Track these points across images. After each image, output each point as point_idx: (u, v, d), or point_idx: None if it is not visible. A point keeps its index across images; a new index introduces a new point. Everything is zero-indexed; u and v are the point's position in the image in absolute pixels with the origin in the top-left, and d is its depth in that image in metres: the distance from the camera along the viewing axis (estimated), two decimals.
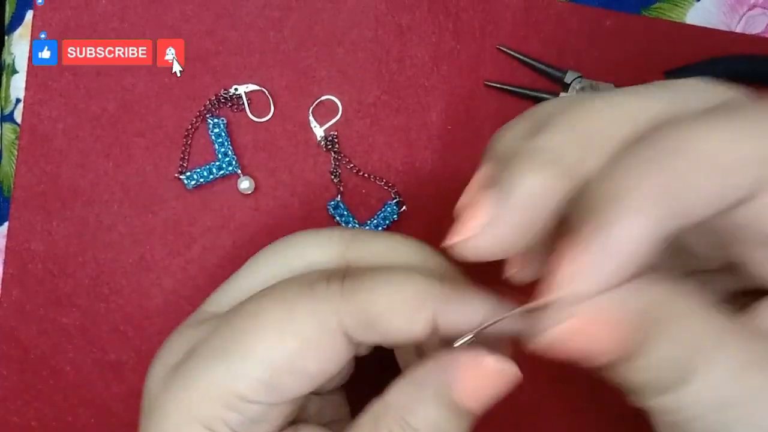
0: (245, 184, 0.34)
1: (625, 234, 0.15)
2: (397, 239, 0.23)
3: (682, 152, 0.15)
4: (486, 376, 0.19)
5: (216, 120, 0.35)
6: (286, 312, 0.19)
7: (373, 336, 0.19)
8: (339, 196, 0.35)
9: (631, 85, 0.35)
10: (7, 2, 0.37)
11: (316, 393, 0.23)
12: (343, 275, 0.20)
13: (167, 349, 0.22)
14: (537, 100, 0.35)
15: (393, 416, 0.19)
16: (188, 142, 0.35)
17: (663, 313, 0.15)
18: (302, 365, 0.19)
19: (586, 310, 0.15)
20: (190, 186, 0.35)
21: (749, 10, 0.37)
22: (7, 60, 0.36)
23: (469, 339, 0.19)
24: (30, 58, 0.35)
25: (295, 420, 0.22)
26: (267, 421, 0.20)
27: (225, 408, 0.18)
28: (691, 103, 0.17)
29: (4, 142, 0.36)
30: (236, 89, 0.35)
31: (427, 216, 0.36)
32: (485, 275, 0.20)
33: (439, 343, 0.21)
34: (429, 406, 0.19)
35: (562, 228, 0.17)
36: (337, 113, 0.35)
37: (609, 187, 0.15)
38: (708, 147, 0.15)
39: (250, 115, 0.35)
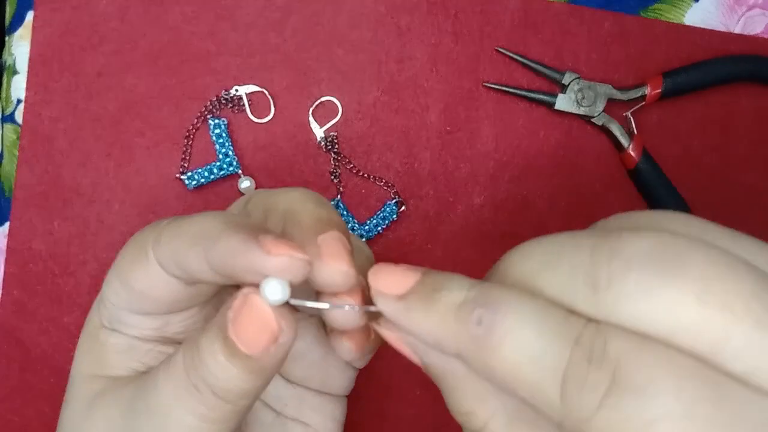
0: (246, 184, 0.35)
1: None
2: (282, 189, 0.25)
3: None
4: (253, 317, 0.19)
5: (217, 121, 0.35)
6: (134, 238, 0.23)
7: (175, 269, 0.21)
8: (339, 196, 0.35)
9: (628, 85, 0.35)
10: (7, 3, 0.37)
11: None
12: (176, 217, 0.22)
13: None
14: (535, 101, 0.36)
15: (193, 340, 0.20)
16: (189, 143, 0.35)
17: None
18: (131, 281, 0.22)
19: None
20: (191, 186, 0.35)
21: (748, 10, 0.37)
22: (8, 61, 0.37)
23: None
24: (30, 59, 0.35)
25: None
26: (133, 326, 0.23)
27: (103, 306, 0.24)
28: None
29: (6, 142, 0.36)
30: (237, 90, 0.35)
31: (427, 216, 0.36)
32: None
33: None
34: (211, 338, 0.19)
35: None
36: (337, 114, 0.36)
37: None
38: None
39: (251, 116, 0.35)
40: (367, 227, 0.35)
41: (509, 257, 0.18)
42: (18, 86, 0.36)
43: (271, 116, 0.35)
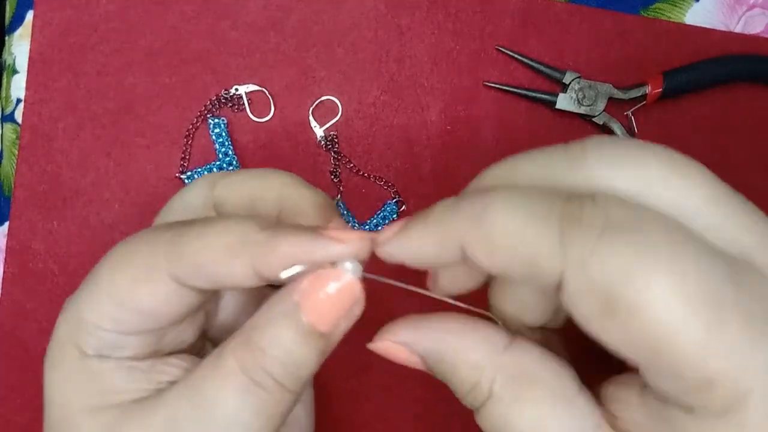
0: None
1: None
2: (259, 173, 0.24)
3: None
4: (329, 293, 0.19)
5: (217, 120, 0.35)
6: (126, 254, 0.21)
7: (203, 281, 0.20)
8: (339, 195, 0.35)
9: (629, 84, 0.35)
10: (7, 3, 0.37)
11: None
12: (182, 224, 0.21)
13: None
14: (536, 101, 0.36)
15: (240, 338, 0.20)
16: (189, 142, 0.35)
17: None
18: (136, 302, 0.20)
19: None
20: None
21: (748, 10, 0.37)
22: (8, 60, 0.37)
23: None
24: (30, 58, 0.35)
25: (173, 351, 0.23)
26: (128, 348, 0.21)
27: (86, 333, 0.21)
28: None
29: (5, 142, 0.36)
30: (237, 89, 0.35)
31: None
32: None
33: None
34: (276, 326, 0.19)
35: None
36: (337, 113, 0.36)
37: None
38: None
39: (251, 115, 0.35)
40: (367, 227, 0.35)
41: (482, 173, 0.20)
42: (18, 86, 0.36)
43: (270, 115, 0.35)
